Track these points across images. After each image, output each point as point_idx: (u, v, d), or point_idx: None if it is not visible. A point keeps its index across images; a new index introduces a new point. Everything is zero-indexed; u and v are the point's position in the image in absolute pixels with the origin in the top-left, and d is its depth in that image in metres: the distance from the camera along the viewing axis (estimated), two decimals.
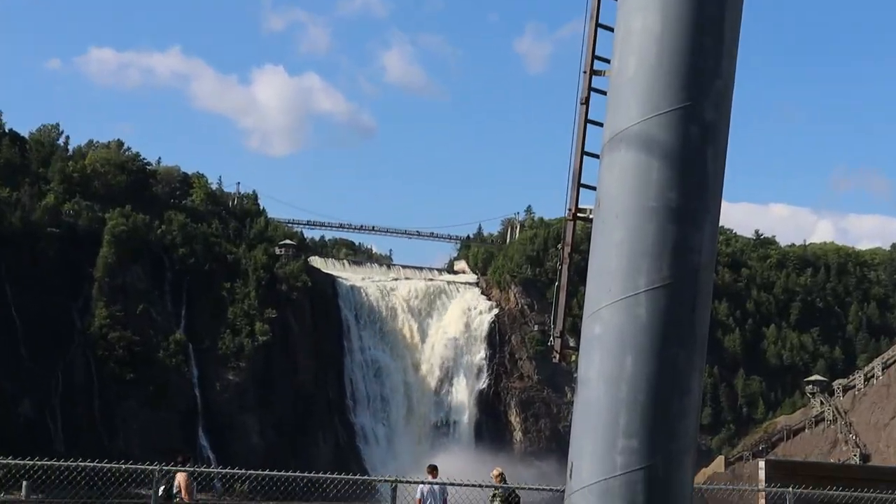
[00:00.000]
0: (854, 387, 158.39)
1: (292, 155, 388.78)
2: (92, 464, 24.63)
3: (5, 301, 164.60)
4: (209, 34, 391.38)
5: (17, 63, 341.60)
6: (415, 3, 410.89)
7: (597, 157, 13.82)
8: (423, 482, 31.57)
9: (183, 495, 26.45)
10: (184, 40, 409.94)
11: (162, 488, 25.47)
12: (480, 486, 29.21)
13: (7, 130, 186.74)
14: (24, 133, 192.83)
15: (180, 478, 26.40)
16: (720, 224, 14.12)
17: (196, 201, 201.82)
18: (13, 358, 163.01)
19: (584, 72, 14.38)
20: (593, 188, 13.87)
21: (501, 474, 32.28)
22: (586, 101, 14.38)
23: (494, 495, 28.19)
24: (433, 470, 31.25)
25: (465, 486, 30.32)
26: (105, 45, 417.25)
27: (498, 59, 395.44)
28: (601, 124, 13.76)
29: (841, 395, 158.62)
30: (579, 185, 14.29)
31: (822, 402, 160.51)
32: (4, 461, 23.94)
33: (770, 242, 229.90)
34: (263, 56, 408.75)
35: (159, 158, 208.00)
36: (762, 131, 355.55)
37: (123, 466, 25.36)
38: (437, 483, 29.61)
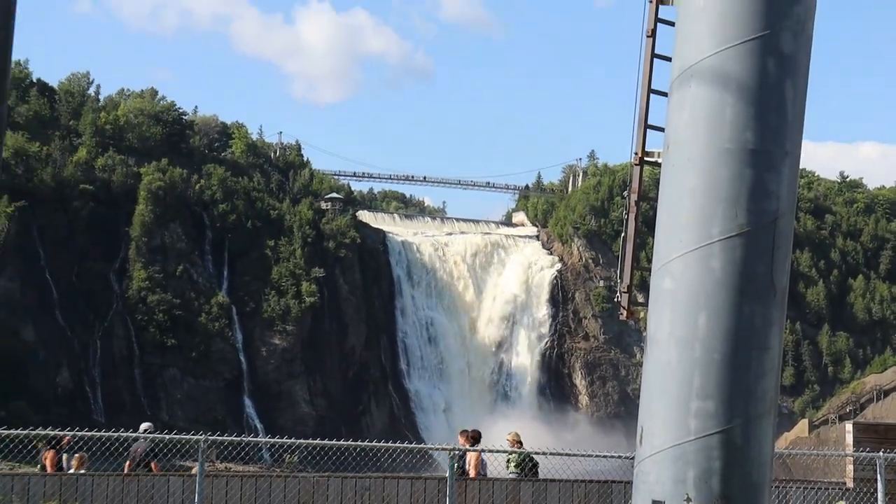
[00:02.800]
0: None
1: (340, 102, 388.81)
2: (134, 434, 24.62)
3: (39, 265, 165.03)
4: None
5: (44, 6, 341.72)
6: None
7: (665, 94, 13.71)
8: (480, 450, 31.44)
9: None
10: None
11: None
12: (544, 453, 29.11)
13: (35, 80, 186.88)
14: (53, 83, 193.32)
15: None
16: (801, 166, 13.99)
17: (236, 153, 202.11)
18: (49, 325, 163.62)
19: (651, 1, 14.12)
20: (662, 129, 13.75)
21: (517, 437, 32.23)
22: (653, 34, 14.22)
23: (509, 460, 28.08)
24: (470, 435, 31.10)
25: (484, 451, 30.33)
26: None
27: None
28: (669, 59, 13.65)
29: None
30: (646, 126, 14.11)
31: None
32: (44, 432, 23.93)
33: (857, 185, 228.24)
34: None
35: (196, 108, 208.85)
36: (849, 64, 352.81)
37: (167, 437, 25.40)
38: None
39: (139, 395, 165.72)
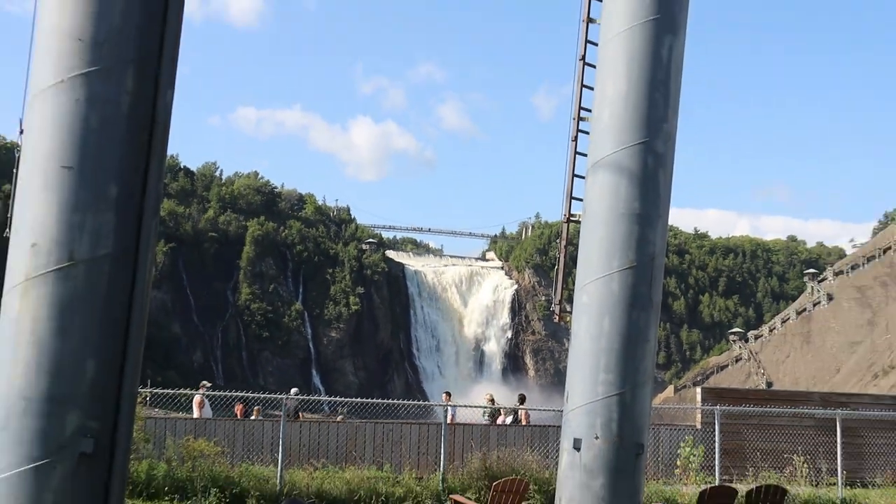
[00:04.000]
0: (762, 336, 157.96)
1: (376, 180, 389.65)
2: (244, 394, 24.76)
3: (182, 284, 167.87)
4: (321, 95, 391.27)
5: (190, 119, 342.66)
6: (464, 71, 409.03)
7: (583, 178, 14.03)
8: (462, 406, 31.86)
9: None
10: (303, 100, 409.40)
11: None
12: (481, 406, 29.18)
13: (182, 166, 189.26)
14: (193, 167, 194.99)
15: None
16: (669, 223, 14.22)
17: (308, 213, 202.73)
18: (188, 323, 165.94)
19: (574, 118, 14.46)
20: (581, 200, 14.14)
21: (492, 397, 32.22)
22: (576, 139, 14.51)
23: (484, 413, 27.99)
24: (448, 395, 31.26)
25: (470, 407, 30.52)
26: (249, 105, 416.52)
27: (520, 109, 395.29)
28: (586, 155, 13.95)
29: (753, 341, 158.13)
30: (571, 198, 14.45)
31: (740, 347, 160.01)
32: (195, 392, 24.31)
33: (705, 236, 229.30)
34: (357, 110, 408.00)
35: (283, 183, 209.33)
36: (700, 154, 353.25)
37: (263, 396, 25.57)
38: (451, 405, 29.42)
39: (245, 369, 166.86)
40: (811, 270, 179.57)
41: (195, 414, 25.64)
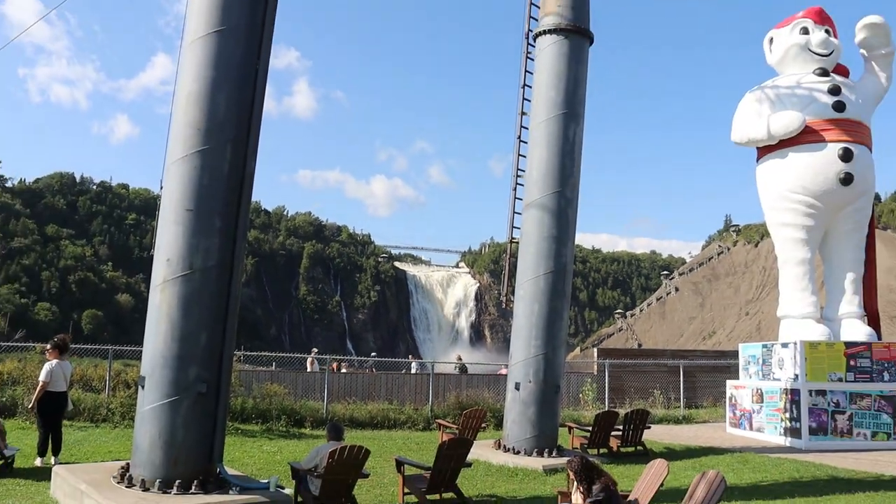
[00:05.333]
0: (635, 314, 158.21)
1: (387, 216, 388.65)
2: (303, 356, 24.54)
3: (262, 284, 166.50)
4: (352, 161, 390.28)
5: (268, 176, 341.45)
6: (444, 146, 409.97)
7: (520, 214, 13.93)
8: (443, 363, 31.71)
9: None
10: (340, 164, 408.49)
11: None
12: (452, 363, 29.04)
13: (262, 208, 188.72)
14: (270, 209, 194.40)
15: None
16: (576, 243, 14.15)
17: (343, 238, 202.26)
18: (266, 309, 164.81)
19: (514, 175, 14.40)
20: (519, 228, 13.99)
21: (460, 357, 32.13)
22: (515, 189, 14.41)
23: (455, 366, 27.85)
24: (459, 357, 31.11)
25: (443, 363, 30.36)
26: (306, 168, 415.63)
27: (481, 169, 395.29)
28: (521, 199, 13.84)
29: (629, 318, 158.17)
30: (513, 227, 14.29)
31: (621, 322, 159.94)
32: (270, 355, 23.76)
33: (598, 251, 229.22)
34: (376, 171, 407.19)
35: (327, 219, 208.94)
36: (594, 196, 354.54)
37: (318, 356, 25.36)
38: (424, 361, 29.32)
39: (303, 339, 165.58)
40: (665, 272, 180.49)
41: (308, 369, 24.59)
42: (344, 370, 27.68)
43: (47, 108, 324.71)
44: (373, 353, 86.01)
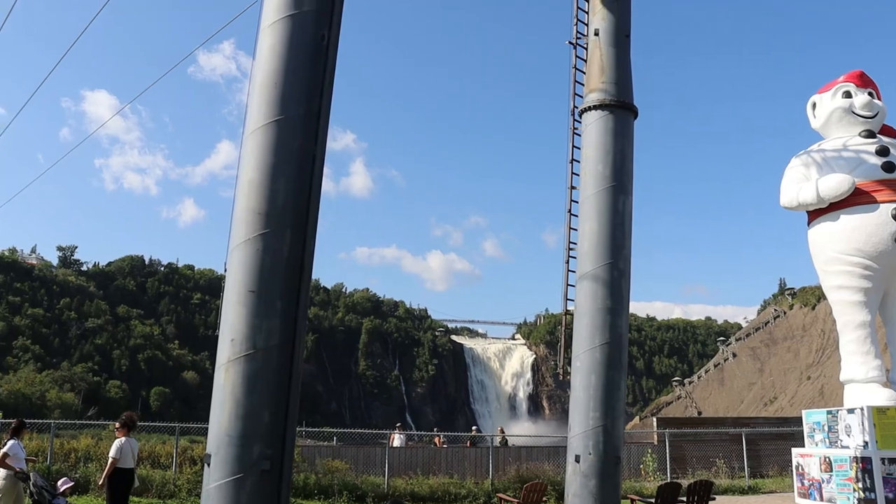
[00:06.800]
0: (693, 381, 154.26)
1: (444, 290, 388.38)
2: (363, 431, 24.41)
3: (322, 360, 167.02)
4: (408, 237, 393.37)
5: (327, 254, 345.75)
6: (498, 219, 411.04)
7: (573, 286, 13.85)
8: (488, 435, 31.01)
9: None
10: (397, 241, 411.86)
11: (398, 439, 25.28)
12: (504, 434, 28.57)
13: (321, 285, 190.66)
14: (329, 285, 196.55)
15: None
16: (630, 312, 14.01)
17: (401, 313, 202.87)
18: (326, 384, 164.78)
19: (566, 248, 14.38)
20: (573, 300, 13.88)
21: (502, 429, 31.40)
22: (567, 262, 14.36)
23: (497, 439, 27.31)
24: (502, 429, 30.39)
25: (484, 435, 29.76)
26: (363, 245, 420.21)
27: (534, 243, 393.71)
28: (574, 271, 13.79)
29: (687, 385, 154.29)
30: (567, 298, 14.21)
31: (679, 389, 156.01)
32: (331, 431, 23.68)
33: (653, 319, 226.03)
34: (431, 246, 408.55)
35: (384, 294, 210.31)
36: (647, 265, 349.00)
37: (375, 431, 25.19)
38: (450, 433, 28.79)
39: (363, 414, 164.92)
40: (721, 338, 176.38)
41: (395, 444, 24.30)
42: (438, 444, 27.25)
43: (120, 194, 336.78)
44: (434, 429, 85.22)
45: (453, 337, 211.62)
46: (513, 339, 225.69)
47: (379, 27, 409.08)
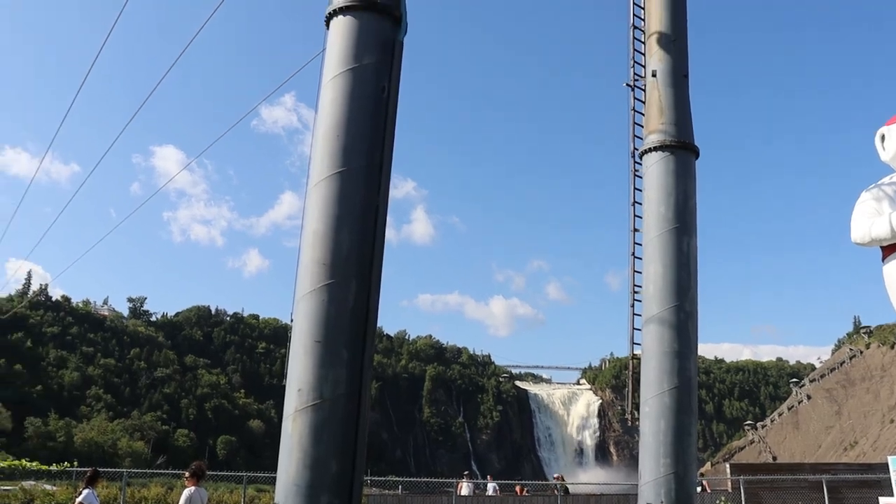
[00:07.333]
0: (766, 425, 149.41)
1: (507, 335, 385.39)
2: (429, 479, 24.26)
3: (386, 407, 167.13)
4: (470, 283, 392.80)
5: (390, 303, 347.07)
6: (560, 263, 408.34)
7: (639, 329, 13.63)
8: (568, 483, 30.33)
9: None
10: (459, 287, 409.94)
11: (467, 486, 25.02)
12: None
13: (385, 333, 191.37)
14: (392, 333, 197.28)
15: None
16: (698, 354, 13.73)
17: (464, 359, 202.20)
18: (391, 431, 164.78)
19: (631, 291, 14.21)
20: (639, 344, 13.65)
21: (561, 476, 30.57)
22: (633, 305, 14.18)
23: (556, 486, 26.65)
24: (561, 476, 29.52)
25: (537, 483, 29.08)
26: (426, 292, 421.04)
27: (597, 286, 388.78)
28: (640, 315, 13.59)
29: (760, 429, 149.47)
30: (633, 342, 14.02)
31: (752, 434, 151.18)
32: (397, 479, 23.58)
33: (721, 361, 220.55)
34: (494, 291, 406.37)
35: (448, 341, 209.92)
36: (714, 307, 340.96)
37: (441, 480, 25.01)
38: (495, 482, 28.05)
39: (428, 462, 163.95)
40: (794, 379, 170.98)
41: (462, 492, 23.66)
42: (526, 493, 26.95)
43: (187, 246, 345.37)
44: (488, 475, 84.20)
45: (517, 383, 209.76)
46: (578, 383, 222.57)
47: (435, 73, 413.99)
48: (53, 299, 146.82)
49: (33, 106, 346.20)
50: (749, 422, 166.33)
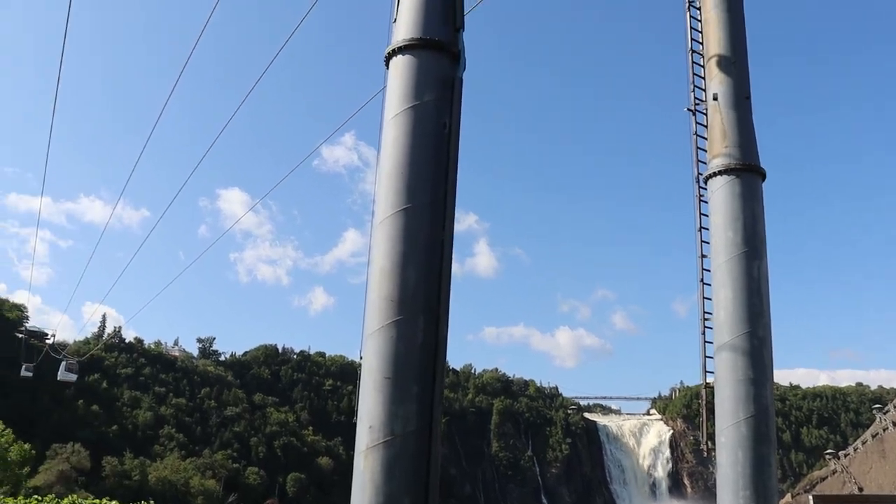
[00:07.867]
0: (849, 454, 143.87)
1: (574, 367, 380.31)
2: None
3: (454, 443, 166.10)
4: (535, 315, 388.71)
5: (456, 336, 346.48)
6: (626, 292, 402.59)
7: (711, 357, 13.38)
8: None
9: None
10: (524, 319, 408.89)
11: None
12: None
13: (451, 367, 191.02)
14: (458, 367, 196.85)
15: None
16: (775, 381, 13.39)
17: (531, 391, 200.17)
18: (459, 466, 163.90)
19: (700, 319, 14.05)
20: (712, 372, 13.39)
21: None
22: (703, 332, 14.01)
23: None
24: None
25: None
26: (491, 325, 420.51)
27: (665, 313, 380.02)
28: (711, 342, 13.34)
29: (843, 458, 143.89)
30: (705, 370, 13.80)
31: (834, 463, 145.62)
32: None
33: (797, 387, 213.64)
34: (559, 322, 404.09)
35: (515, 374, 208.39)
36: (789, 331, 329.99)
37: None
38: None
39: (497, 496, 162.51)
40: (877, 405, 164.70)
41: None
42: None
43: (254, 286, 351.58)
44: None
45: (586, 414, 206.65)
46: (647, 413, 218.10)
47: (492, 105, 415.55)
48: (127, 341, 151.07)
49: (107, 155, 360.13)
50: (830, 450, 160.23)
